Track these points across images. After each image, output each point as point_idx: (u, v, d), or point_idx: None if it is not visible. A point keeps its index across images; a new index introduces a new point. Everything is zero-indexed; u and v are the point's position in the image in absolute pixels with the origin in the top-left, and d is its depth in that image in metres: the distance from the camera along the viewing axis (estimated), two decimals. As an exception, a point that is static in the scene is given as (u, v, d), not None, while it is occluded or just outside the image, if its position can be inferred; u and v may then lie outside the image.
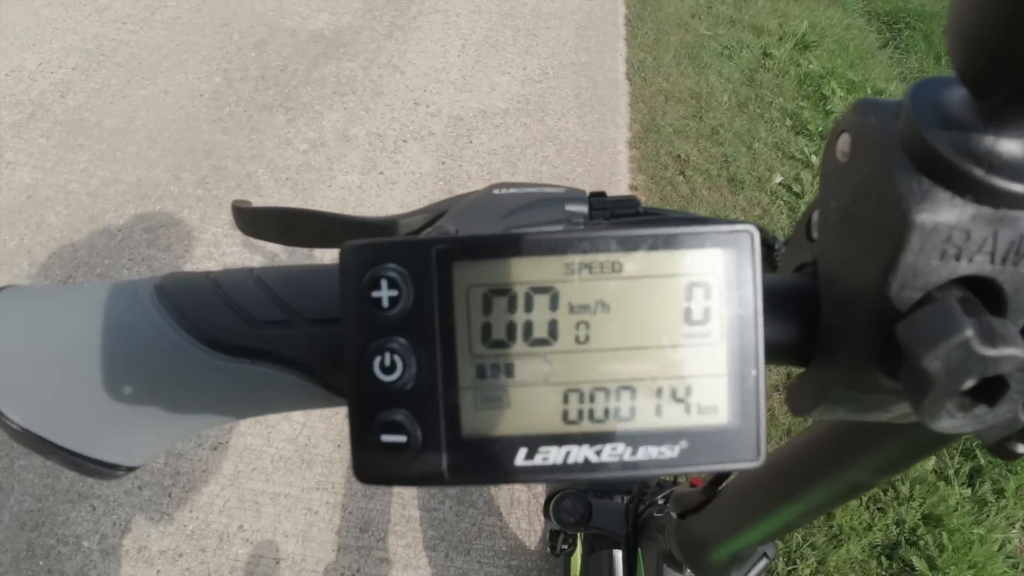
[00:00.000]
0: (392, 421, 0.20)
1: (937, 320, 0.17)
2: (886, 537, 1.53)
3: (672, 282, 0.20)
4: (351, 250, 0.21)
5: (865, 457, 0.29)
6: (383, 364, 0.20)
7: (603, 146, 2.38)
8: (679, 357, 0.20)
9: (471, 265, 0.20)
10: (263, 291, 0.24)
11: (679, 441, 0.21)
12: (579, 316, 0.20)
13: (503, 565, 1.39)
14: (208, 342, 0.24)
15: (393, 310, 0.20)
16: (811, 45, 3.19)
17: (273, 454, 1.48)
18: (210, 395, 0.25)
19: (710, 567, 0.47)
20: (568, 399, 0.21)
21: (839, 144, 0.22)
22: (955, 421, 0.17)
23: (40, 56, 2.34)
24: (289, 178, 2.06)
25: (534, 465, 0.21)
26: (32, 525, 1.34)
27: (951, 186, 0.18)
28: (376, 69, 2.54)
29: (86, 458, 0.25)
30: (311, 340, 0.24)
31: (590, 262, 0.20)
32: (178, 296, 0.24)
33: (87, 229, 1.84)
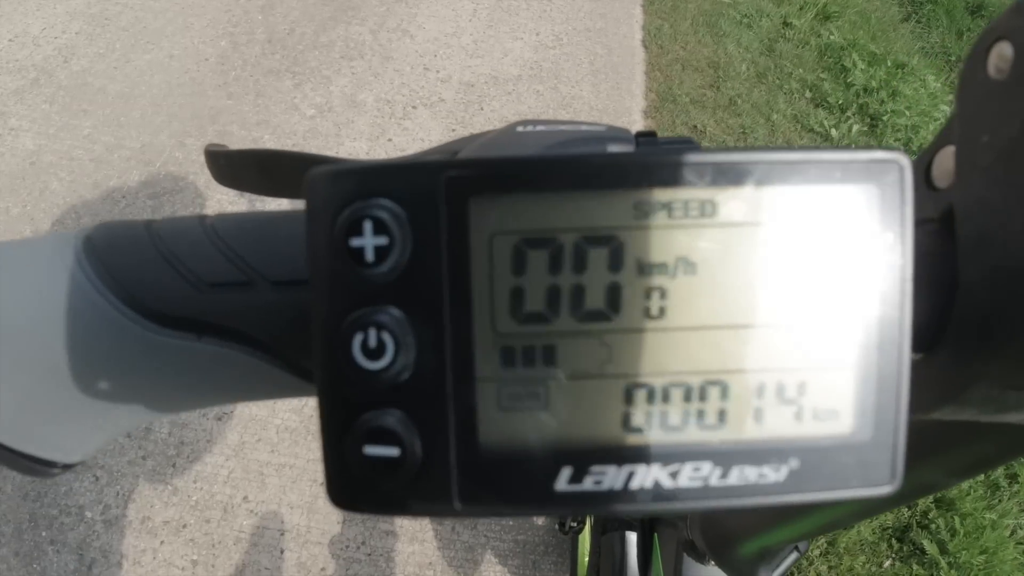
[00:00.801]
0: (380, 427, 0.15)
1: None
2: (897, 520, 1.52)
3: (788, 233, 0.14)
4: (320, 178, 0.15)
5: (946, 456, 0.24)
6: (366, 345, 0.15)
7: (618, 115, 2.33)
8: (791, 341, 0.15)
9: (497, 201, 0.14)
10: (215, 244, 0.19)
11: (787, 459, 0.15)
12: (652, 280, 0.14)
13: (510, 540, 1.38)
14: (143, 311, 0.19)
15: (381, 267, 0.14)
16: (832, 16, 3.10)
17: (278, 425, 1.47)
18: (149, 379, 0.20)
19: (737, 561, 0.44)
20: (632, 398, 0.15)
21: (993, 57, 0.17)
22: None
23: (44, 21, 2.30)
24: (296, 144, 2.02)
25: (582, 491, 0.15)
26: (34, 496, 1.33)
27: None
28: (385, 33, 2.48)
29: (13, 452, 0.20)
30: (274, 308, 0.18)
31: (671, 201, 0.14)
32: (109, 251, 0.19)
33: (91, 195, 1.82)
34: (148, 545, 1.30)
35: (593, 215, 0.14)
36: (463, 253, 0.14)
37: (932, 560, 1.45)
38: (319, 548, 1.33)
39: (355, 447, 0.15)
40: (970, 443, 0.23)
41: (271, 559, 1.31)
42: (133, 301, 0.19)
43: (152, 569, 1.28)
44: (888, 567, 1.45)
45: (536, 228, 0.14)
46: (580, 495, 0.15)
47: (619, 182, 0.14)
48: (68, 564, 1.26)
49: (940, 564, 1.44)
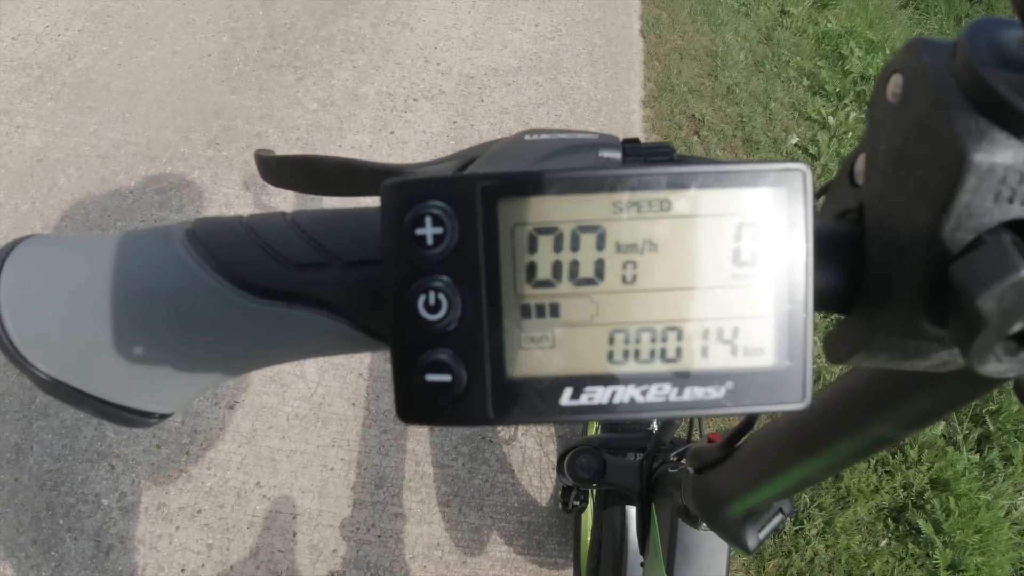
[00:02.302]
0: (437, 361, 0.20)
1: (994, 260, 0.17)
2: (893, 500, 1.54)
3: (722, 221, 0.20)
4: (393, 187, 0.20)
5: (893, 410, 0.29)
6: (427, 303, 0.20)
7: (616, 104, 2.35)
8: (727, 298, 0.20)
9: (517, 202, 0.20)
10: (297, 233, 0.24)
11: (725, 382, 0.20)
12: (626, 256, 0.20)
13: (515, 521, 1.41)
14: (243, 285, 0.23)
15: (437, 248, 0.20)
16: (830, 3, 3.11)
17: (289, 412, 1.50)
18: (246, 339, 0.24)
19: (726, 521, 0.47)
20: (614, 339, 0.20)
21: (890, 85, 0.21)
22: (1001, 365, 0.17)
23: (46, 18, 2.31)
24: (299, 138, 2.05)
25: (579, 405, 0.21)
26: (51, 484, 1.36)
27: (1008, 126, 0.18)
28: (385, 26, 2.50)
29: (119, 406, 0.25)
30: (348, 282, 0.23)
31: (638, 200, 0.20)
32: (210, 239, 0.24)
33: (98, 191, 1.84)
34: (164, 531, 1.33)
35: (584, 211, 0.20)
36: (493, 238, 0.20)
37: (927, 539, 1.48)
38: (330, 531, 1.36)
39: (418, 376, 0.20)
40: (913, 399, 0.28)
41: (284, 542, 1.34)
42: (234, 277, 0.23)
43: (168, 554, 1.31)
44: (884, 546, 1.48)
45: (544, 220, 0.20)
46: (577, 408, 0.21)
47: (602, 188, 0.20)
48: (86, 550, 1.30)
49: (935, 543, 1.47)
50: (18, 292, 0.24)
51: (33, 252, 0.25)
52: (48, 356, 0.24)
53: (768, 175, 0.20)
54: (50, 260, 0.24)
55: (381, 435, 1.49)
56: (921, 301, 0.19)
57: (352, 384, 1.55)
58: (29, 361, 0.24)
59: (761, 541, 0.47)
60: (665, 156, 0.32)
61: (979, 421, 1.71)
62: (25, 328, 0.24)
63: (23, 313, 0.24)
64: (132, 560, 1.30)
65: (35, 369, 0.24)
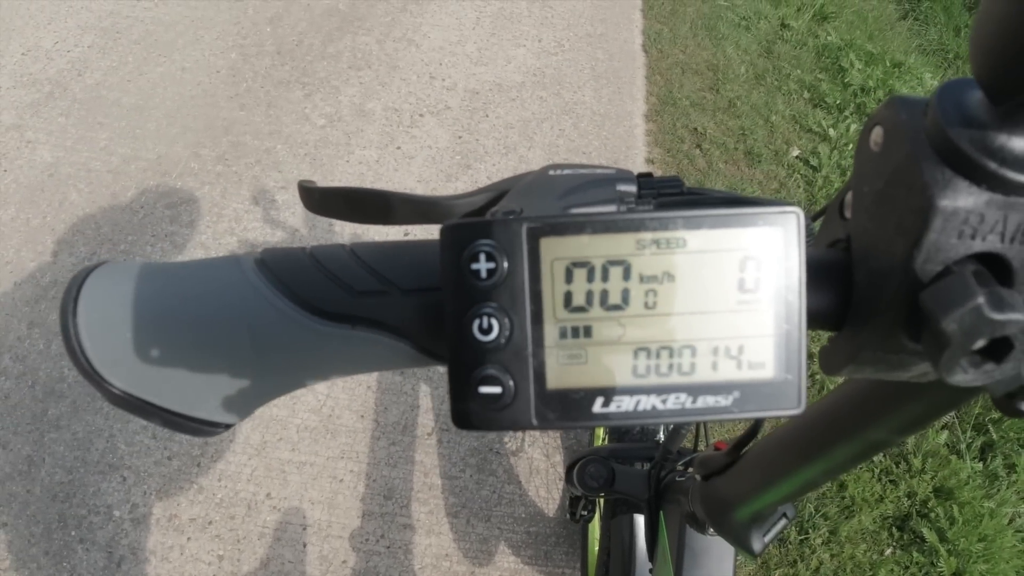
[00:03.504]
0: (489, 375, 0.23)
1: (954, 289, 0.20)
2: (897, 509, 1.55)
3: (728, 256, 0.23)
4: (452, 228, 0.23)
5: (886, 416, 0.31)
6: (481, 326, 0.23)
7: (619, 119, 2.38)
8: (733, 320, 0.23)
9: (556, 241, 0.23)
10: (359, 264, 0.27)
11: (732, 392, 0.23)
12: (648, 285, 0.23)
13: (523, 531, 1.42)
14: (311, 309, 0.26)
15: (490, 280, 0.23)
16: (830, 16, 3.15)
17: (298, 424, 1.52)
18: (312, 357, 0.27)
19: (733, 525, 0.49)
20: (638, 356, 0.23)
21: (873, 135, 0.24)
22: (967, 376, 0.20)
23: (56, 34, 2.35)
24: (308, 153, 2.07)
25: (609, 412, 0.24)
26: (63, 496, 1.38)
27: (969, 176, 0.21)
28: (391, 43, 2.53)
29: (189, 417, 0.28)
30: (406, 308, 0.26)
31: (659, 238, 0.23)
32: (280, 268, 0.27)
33: (109, 206, 1.87)
34: (175, 542, 1.35)
35: (612, 248, 0.23)
36: (536, 271, 0.23)
37: (932, 548, 1.49)
38: (340, 542, 1.37)
39: (473, 389, 0.23)
40: (903, 406, 0.30)
41: (294, 553, 1.36)
42: (302, 302, 0.26)
43: (179, 565, 1.33)
44: (889, 555, 1.49)
45: (579, 256, 0.23)
46: (608, 414, 0.24)
47: (628, 228, 0.23)
48: (97, 562, 1.31)
49: (940, 551, 1.48)
50: (96, 316, 0.26)
51: (107, 279, 0.27)
52: (122, 373, 0.27)
53: (767, 216, 0.23)
54: (125, 286, 0.27)
55: (389, 447, 1.51)
56: (900, 321, 0.22)
57: (361, 397, 1.57)
58: (104, 378, 0.26)
59: (766, 545, 0.49)
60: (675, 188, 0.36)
61: (982, 430, 1.72)
62: (102, 348, 0.26)
63: (100, 335, 0.26)
64: (144, 571, 1.32)
65: (109, 385, 0.26)
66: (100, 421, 1.47)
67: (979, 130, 0.21)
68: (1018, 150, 0.20)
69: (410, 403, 1.58)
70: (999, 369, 0.20)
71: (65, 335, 0.26)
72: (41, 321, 1.61)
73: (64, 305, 0.27)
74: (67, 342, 0.26)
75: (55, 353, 1.56)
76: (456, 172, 2.10)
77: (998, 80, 0.20)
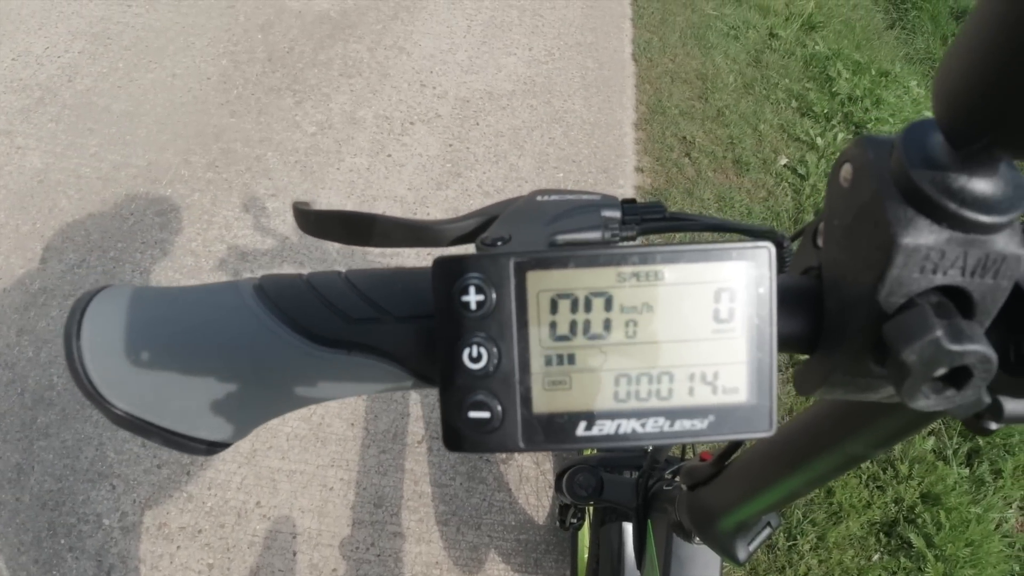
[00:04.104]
0: (478, 400, 0.24)
1: (914, 322, 0.21)
2: (885, 515, 1.57)
3: (704, 288, 0.24)
4: (442, 262, 0.24)
5: (862, 432, 0.33)
6: (471, 355, 0.24)
7: (609, 128, 2.39)
8: (708, 348, 0.24)
9: (542, 274, 0.24)
10: (354, 292, 0.28)
11: (708, 416, 0.25)
12: (628, 315, 0.24)
13: (512, 539, 1.43)
14: (308, 336, 0.27)
15: (479, 311, 0.24)
16: (817, 25, 3.18)
17: (288, 433, 1.52)
18: (309, 380, 0.28)
19: (718, 535, 0.50)
20: (619, 382, 0.25)
21: (842, 172, 0.25)
22: (929, 401, 0.21)
23: (46, 40, 2.34)
24: (298, 161, 2.08)
25: (592, 435, 0.25)
26: (53, 504, 1.37)
27: (931, 216, 0.22)
28: (382, 51, 2.54)
29: (189, 437, 0.29)
30: (400, 334, 0.27)
31: (638, 271, 0.24)
32: (278, 295, 0.28)
33: (99, 213, 1.86)
34: (165, 550, 1.34)
35: (595, 281, 0.24)
36: (523, 303, 0.24)
37: (919, 553, 1.50)
38: (330, 550, 1.37)
39: (463, 414, 0.25)
40: (877, 423, 0.32)
41: (284, 561, 1.35)
42: (299, 328, 0.27)
43: (169, 573, 1.32)
44: (877, 560, 1.50)
45: (563, 288, 0.24)
46: (590, 437, 0.25)
47: (610, 263, 0.24)
48: (87, 570, 1.31)
49: (927, 557, 1.49)
50: (99, 339, 0.27)
51: (110, 303, 0.28)
52: (124, 395, 0.27)
53: (741, 251, 0.24)
54: (127, 310, 0.28)
55: (380, 455, 1.51)
56: (867, 347, 0.23)
57: (351, 405, 1.57)
58: (106, 399, 0.27)
59: (751, 553, 0.50)
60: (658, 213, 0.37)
61: (968, 436, 1.73)
62: (104, 371, 0.27)
63: (103, 358, 0.27)
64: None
65: (111, 406, 0.27)
66: (89, 429, 1.47)
67: (940, 172, 0.21)
68: (977, 191, 0.21)
69: (400, 411, 1.58)
70: (960, 395, 0.21)
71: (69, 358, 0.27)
72: (31, 328, 1.60)
73: (68, 328, 0.27)
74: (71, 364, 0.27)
75: (44, 360, 1.56)
76: (446, 180, 2.11)
77: (958, 126, 0.20)
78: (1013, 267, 0.22)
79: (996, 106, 0.19)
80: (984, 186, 0.21)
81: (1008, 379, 0.24)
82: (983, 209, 0.21)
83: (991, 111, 0.19)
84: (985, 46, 0.18)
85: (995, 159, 0.21)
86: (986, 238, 0.22)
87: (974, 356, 0.20)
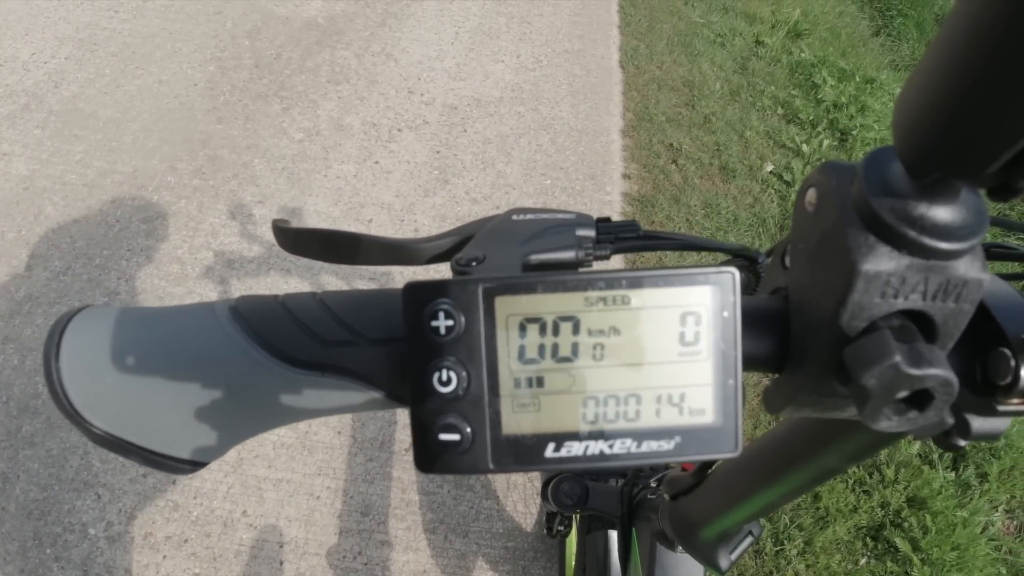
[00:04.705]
0: (448, 423, 0.25)
1: (872, 347, 0.21)
2: (871, 519, 1.57)
3: (669, 312, 0.24)
4: (413, 288, 0.25)
5: (835, 446, 0.33)
6: (440, 379, 0.25)
7: (596, 134, 2.40)
8: (675, 371, 0.25)
9: (511, 300, 0.24)
10: (328, 314, 0.28)
11: (674, 437, 0.25)
12: (596, 339, 0.25)
13: (500, 546, 1.42)
14: (282, 358, 0.27)
15: (448, 336, 0.24)
16: (803, 33, 3.20)
17: (275, 441, 1.51)
18: (283, 401, 0.28)
19: (700, 544, 0.50)
20: (587, 404, 0.25)
21: (807, 196, 0.25)
22: (892, 423, 0.21)
23: (33, 46, 2.33)
24: (285, 167, 2.07)
25: (560, 456, 0.25)
26: (38, 514, 1.36)
27: (891, 243, 0.22)
28: (370, 57, 2.54)
29: (167, 456, 0.29)
30: (373, 356, 0.27)
31: (605, 296, 0.24)
32: (253, 317, 0.28)
33: (85, 220, 1.85)
34: (151, 560, 1.33)
35: (563, 305, 0.24)
36: (491, 327, 0.25)
37: (905, 557, 1.51)
38: (317, 559, 1.37)
39: (434, 436, 0.25)
40: (849, 438, 0.32)
41: (271, 571, 1.35)
42: (274, 350, 0.27)
43: (154, 583, 1.31)
44: (863, 564, 1.51)
45: (532, 312, 0.25)
46: (559, 459, 0.25)
47: (576, 288, 0.24)
48: (72, 581, 1.30)
49: (913, 561, 1.50)
50: (78, 360, 0.27)
51: (89, 323, 0.28)
52: (103, 414, 0.28)
53: (706, 276, 0.24)
54: (106, 331, 0.28)
55: (367, 463, 1.50)
56: (831, 369, 0.24)
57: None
58: (85, 418, 0.27)
59: (733, 562, 0.50)
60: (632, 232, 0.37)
61: (953, 441, 1.75)
62: (83, 391, 0.27)
63: (81, 378, 0.27)
64: (117, 590, 1.30)
65: (90, 425, 0.27)
66: (75, 438, 1.46)
67: (900, 199, 0.22)
68: (937, 219, 0.21)
69: (387, 419, 1.58)
70: (923, 416, 0.21)
71: (48, 378, 0.27)
72: (15, 336, 1.59)
73: (47, 349, 0.28)
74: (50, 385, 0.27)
75: (29, 369, 1.55)
76: (434, 187, 2.11)
77: (917, 157, 0.21)
78: (975, 291, 0.22)
79: (953, 138, 0.19)
80: (944, 214, 0.21)
81: (974, 398, 0.24)
82: (943, 236, 0.21)
83: (948, 143, 0.19)
84: (942, 77, 0.18)
85: (954, 188, 0.21)
86: (947, 264, 0.22)
87: (934, 380, 0.20)
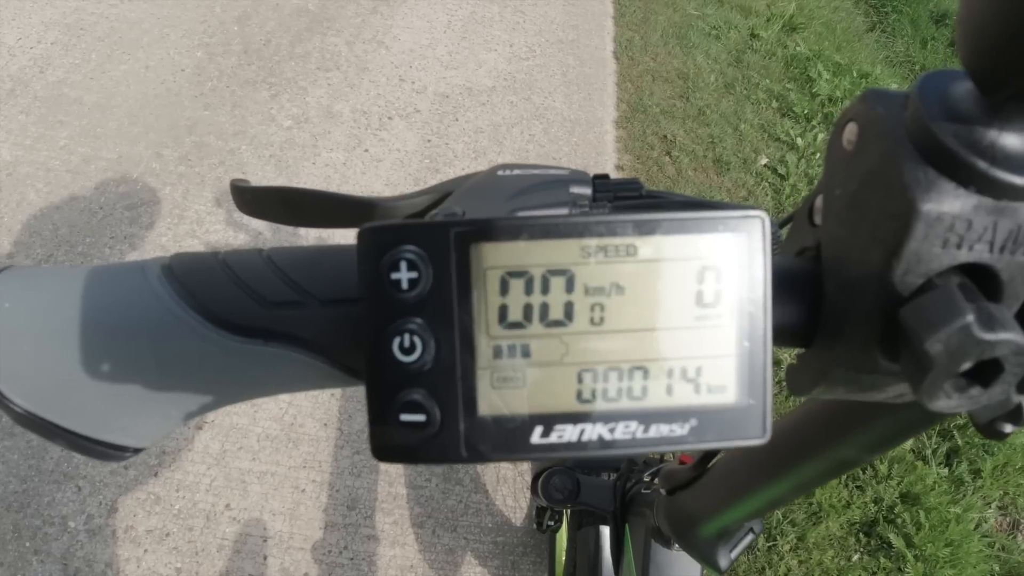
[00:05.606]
0: (411, 401, 0.20)
1: (940, 305, 0.18)
2: (864, 515, 1.56)
3: (685, 265, 0.20)
4: (369, 232, 0.20)
5: (856, 435, 0.29)
6: (402, 345, 0.20)
7: (590, 125, 2.38)
8: (690, 338, 0.20)
9: (489, 247, 0.20)
10: (274, 272, 0.24)
11: (689, 419, 0.21)
12: (594, 298, 0.20)
13: (489, 541, 1.40)
14: (219, 323, 0.23)
15: (412, 292, 0.20)
16: (798, 27, 3.19)
17: (259, 433, 1.48)
18: (222, 376, 0.24)
19: (698, 541, 0.48)
20: (582, 379, 0.21)
21: (846, 133, 0.22)
22: (951, 401, 0.18)
23: (18, 31, 2.28)
24: (273, 155, 2.04)
25: (549, 443, 0.21)
26: (17, 506, 1.33)
27: (955, 177, 0.18)
28: (361, 44, 2.51)
29: (93, 440, 0.25)
30: (325, 321, 0.23)
31: (606, 245, 0.20)
32: (187, 276, 0.24)
33: (68, 207, 1.82)
34: (132, 554, 1.31)
35: (554, 256, 0.20)
36: (466, 282, 0.20)
37: (899, 553, 1.50)
38: (302, 553, 1.34)
39: (393, 416, 0.20)
40: (874, 425, 0.28)
41: (254, 565, 1.32)
42: (210, 315, 0.23)
43: (135, 578, 1.29)
44: (856, 560, 1.50)
45: (515, 264, 0.20)
46: (548, 445, 0.21)
47: (571, 234, 0.20)
48: (53, 574, 1.26)
49: (907, 557, 1.49)
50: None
51: (9, 285, 0.24)
52: (24, 390, 0.24)
53: (729, 222, 0.20)
54: (26, 293, 0.24)
55: (353, 456, 1.48)
56: (875, 338, 0.20)
57: (324, 404, 1.54)
58: (4, 395, 0.23)
59: (733, 561, 0.48)
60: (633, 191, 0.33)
61: (947, 435, 1.74)
62: (2, 362, 0.24)
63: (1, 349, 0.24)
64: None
65: (10, 402, 0.24)
66: (53, 429, 1.42)
67: (967, 125, 0.18)
68: (1010, 147, 0.18)
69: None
70: (986, 394, 0.18)
71: None
72: (-8, 325, 1.56)
73: None
74: None
75: (7, 359, 1.51)
76: (425, 176, 2.08)
77: (991, 68, 0.17)
78: None
79: None
80: (1018, 142, 0.18)
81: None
82: (1017, 169, 0.18)
83: None
84: None
85: None
86: (1019, 205, 0.18)
87: (1008, 347, 0.17)
